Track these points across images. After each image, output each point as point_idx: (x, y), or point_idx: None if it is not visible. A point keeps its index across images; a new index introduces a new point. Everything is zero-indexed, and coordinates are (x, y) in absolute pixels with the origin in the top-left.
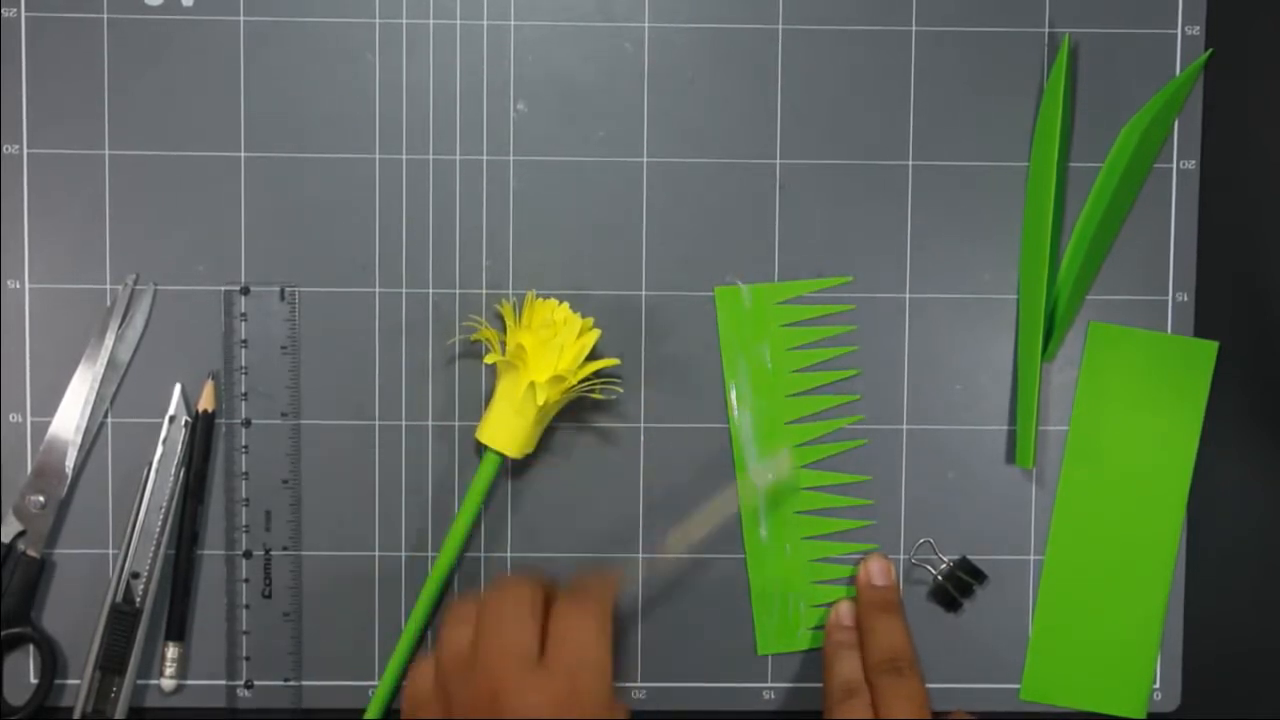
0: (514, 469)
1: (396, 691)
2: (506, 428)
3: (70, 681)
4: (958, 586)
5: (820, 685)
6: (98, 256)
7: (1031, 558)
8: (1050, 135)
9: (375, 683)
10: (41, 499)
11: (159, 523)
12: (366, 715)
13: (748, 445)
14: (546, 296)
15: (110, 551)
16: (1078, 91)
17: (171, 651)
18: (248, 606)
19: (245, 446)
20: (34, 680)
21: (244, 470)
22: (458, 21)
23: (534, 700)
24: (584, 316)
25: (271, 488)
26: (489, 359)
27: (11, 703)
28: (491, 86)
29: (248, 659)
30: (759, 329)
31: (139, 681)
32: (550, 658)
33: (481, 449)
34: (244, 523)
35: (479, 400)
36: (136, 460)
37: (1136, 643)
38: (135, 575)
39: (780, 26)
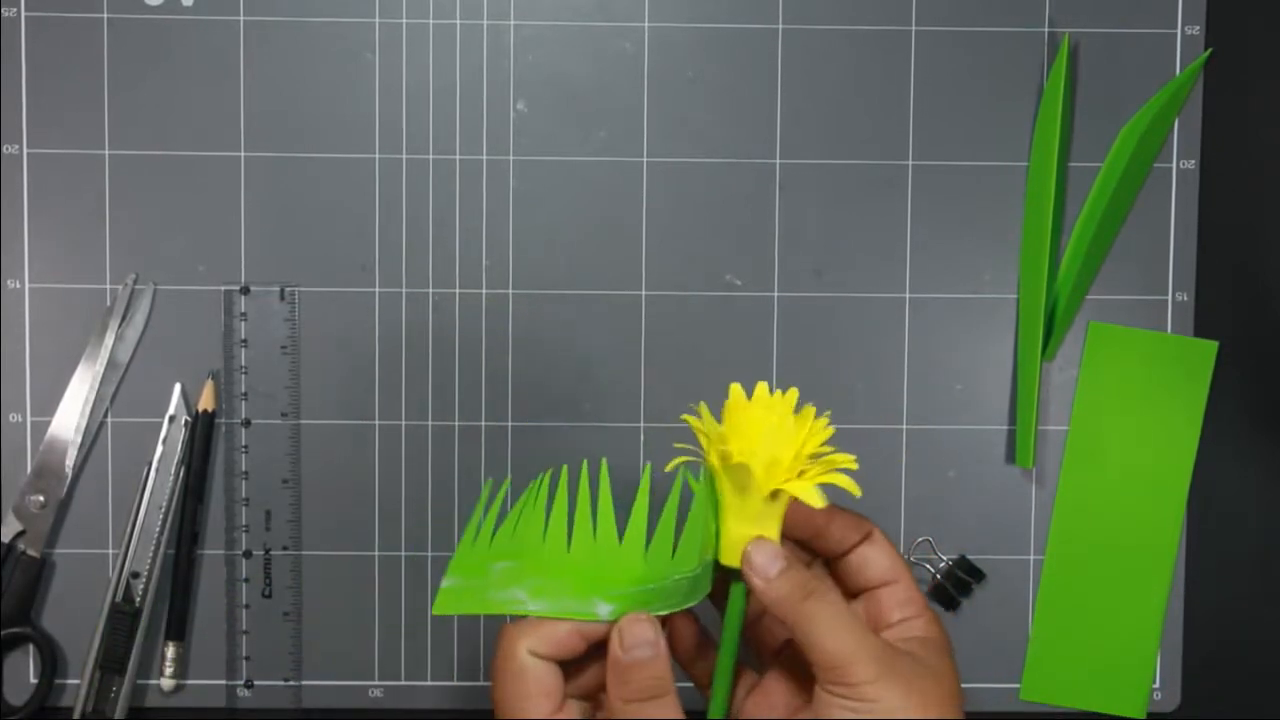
0: (514, 469)
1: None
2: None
3: (70, 681)
4: (956, 585)
5: None
6: (98, 256)
7: (1031, 557)
8: (1050, 135)
9: (375, 682)
10: (41, 499)
11: (159, 522)
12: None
13: None
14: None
15: (110, 551)
16: (1078, 91)
17: (171, 651)
18: (247, 606)
19: (245, 446)
20: (34, 680)
21: (244, 470)
22: (458, 21)
23: None
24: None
25: (271, 487)
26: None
27: (11, 702)
28: (491, 86)
29: (248, 659)
30: None
31: (139, 681)
32: None
33: (727, 574)
34: (244, 522)
35: (478, 400)
36: (136, 460)
37: (1136, 642)
38: (135, 575)
39: (780, 26)
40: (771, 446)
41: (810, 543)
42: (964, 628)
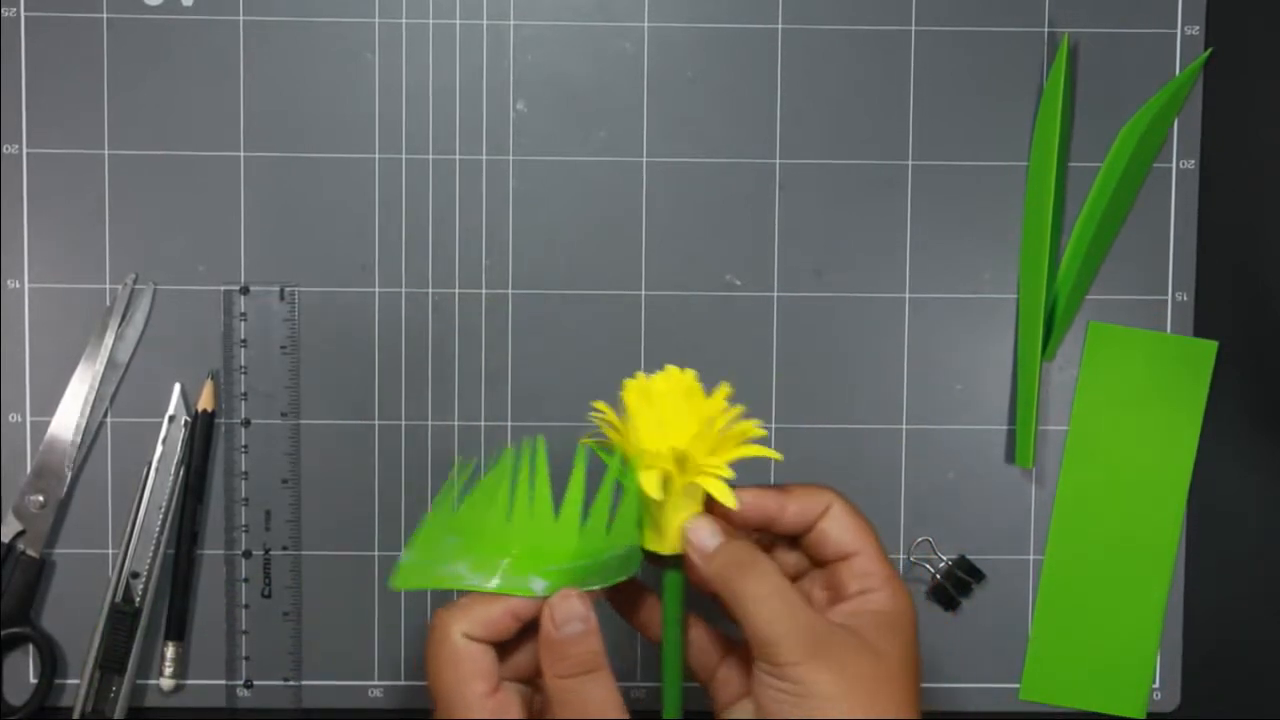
0: None
1: None
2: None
3: (70, 681)
4: (956, 585)
5: None
6: (98, 256)
7: (1031, 557)
8: (1050, 135)
9: (375, 682)
10: (41, 499)
11: (159, 522)
12: None
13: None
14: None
15: (110, 551)
16: (1077, 91)
17: (171, 651)
18: (247, 606)
19: (245, 446)
20: (34, 680)
21: (244, 470)
22: (457, 21)
23: None
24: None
25: (271, 487)
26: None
27: (11, 702)
28: (491, 86)
29: (247, 659)
30: None
31: (138, 681)
32: None
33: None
34: (243, 522)
35: (478, 400)
36: (136, 460)
37: (1136, 642)
38: (135, 575)
39: (780, 26)
40: (651, 439)
41: (769, 528)
42: (964, 628)
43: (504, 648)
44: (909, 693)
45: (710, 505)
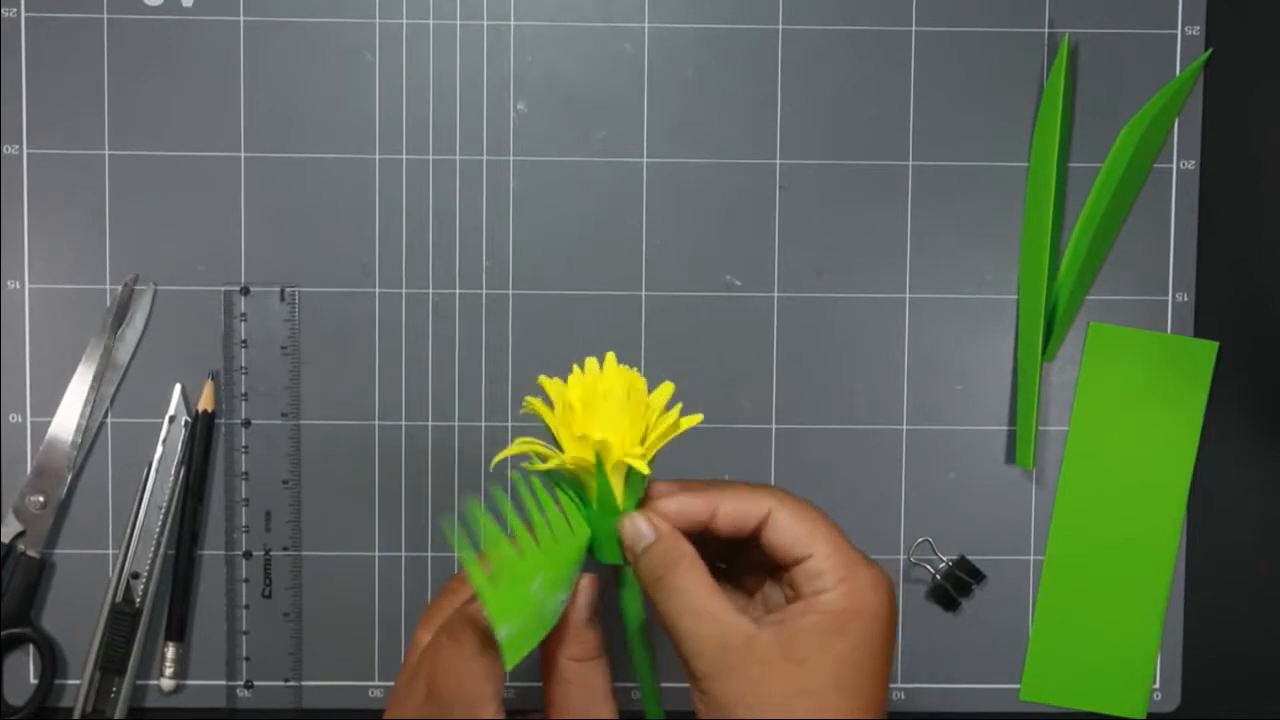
0: (513, 470)
1: None
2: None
3: (70, 681)
4: (956, 586)
5: None
6: (98, 256)
7: (1031, 558)
8: (1050, 135)
9: (375, 682)
10: (41, 499)
11: (159, 523)
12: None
13: None
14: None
15: (110, 551)
16: (1078, 91)
17: (171, 651)
18: (248, 606)
19: (245, 446)
20: (34, 680)
21: (244, 470)
22: (458, 21)
23: None
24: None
25: (271, 488)
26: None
27: (11, 703)
28: (491, 86)
29: (248, 659)
30: None
31: (139, 681)
32: None
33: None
34: (244, 523)
35: (478, 400)
36: (136, 460)
37: (1136, 643)
38: (135, 575)
39: (780, 26)
40: (594, 429)
41: (704, 531)
42: (964, 628)
43: None
44: (847, 700)
45: (649, 498)
